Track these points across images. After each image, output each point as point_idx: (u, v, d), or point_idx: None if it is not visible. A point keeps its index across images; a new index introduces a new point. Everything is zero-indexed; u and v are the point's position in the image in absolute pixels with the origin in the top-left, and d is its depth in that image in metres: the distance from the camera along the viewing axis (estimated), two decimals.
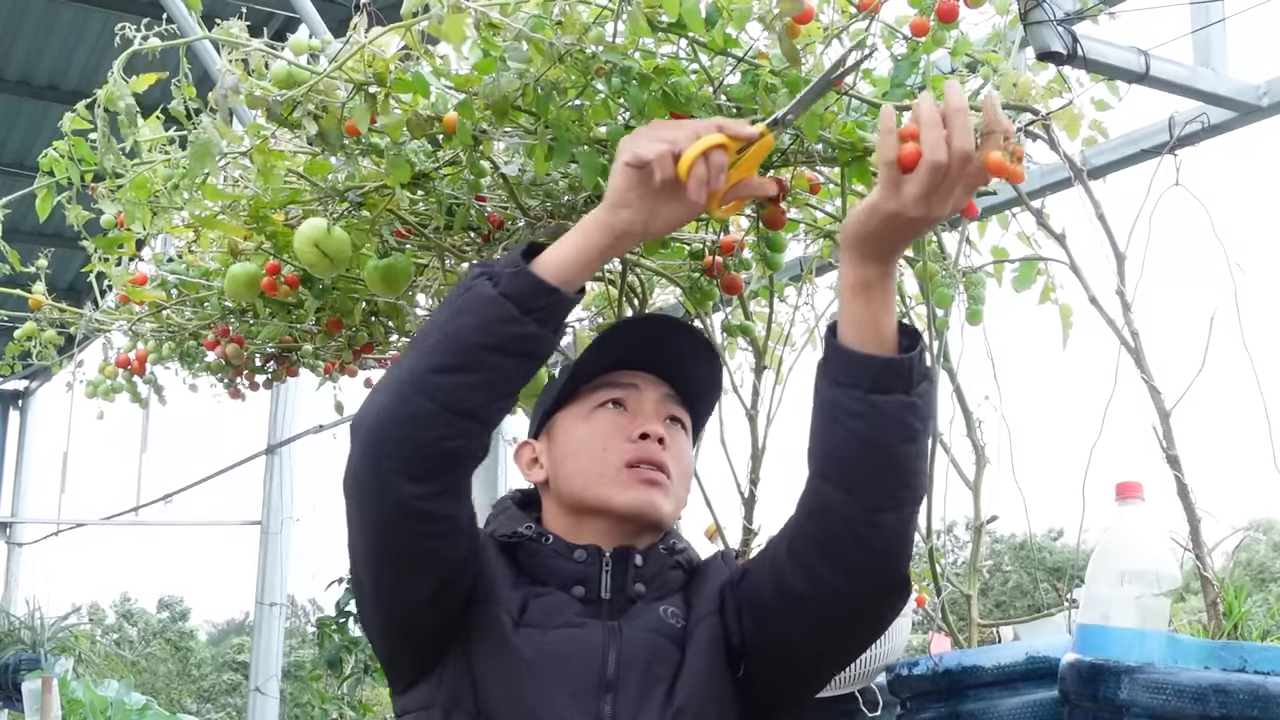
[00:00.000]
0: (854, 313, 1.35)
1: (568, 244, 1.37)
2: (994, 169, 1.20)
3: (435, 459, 1.37)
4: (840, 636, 1.48)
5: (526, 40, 1.51)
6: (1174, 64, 1.97)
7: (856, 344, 1.34)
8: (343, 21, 1.78)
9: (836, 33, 1.66)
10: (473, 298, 1.35)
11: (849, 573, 1.39)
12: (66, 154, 2.03)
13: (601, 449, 1.54)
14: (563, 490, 1.57)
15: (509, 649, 1.43)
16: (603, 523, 1.54)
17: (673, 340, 1.61)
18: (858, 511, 1.37)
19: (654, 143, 1.32)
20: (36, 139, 8.14)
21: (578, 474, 1.55)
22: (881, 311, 1.34)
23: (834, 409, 1.36)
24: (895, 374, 1.33)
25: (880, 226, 1.29)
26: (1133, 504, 1.64)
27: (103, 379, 2.94)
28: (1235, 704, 1.41)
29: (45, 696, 5.47)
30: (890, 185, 1.25)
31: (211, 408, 3.04)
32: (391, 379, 1.38)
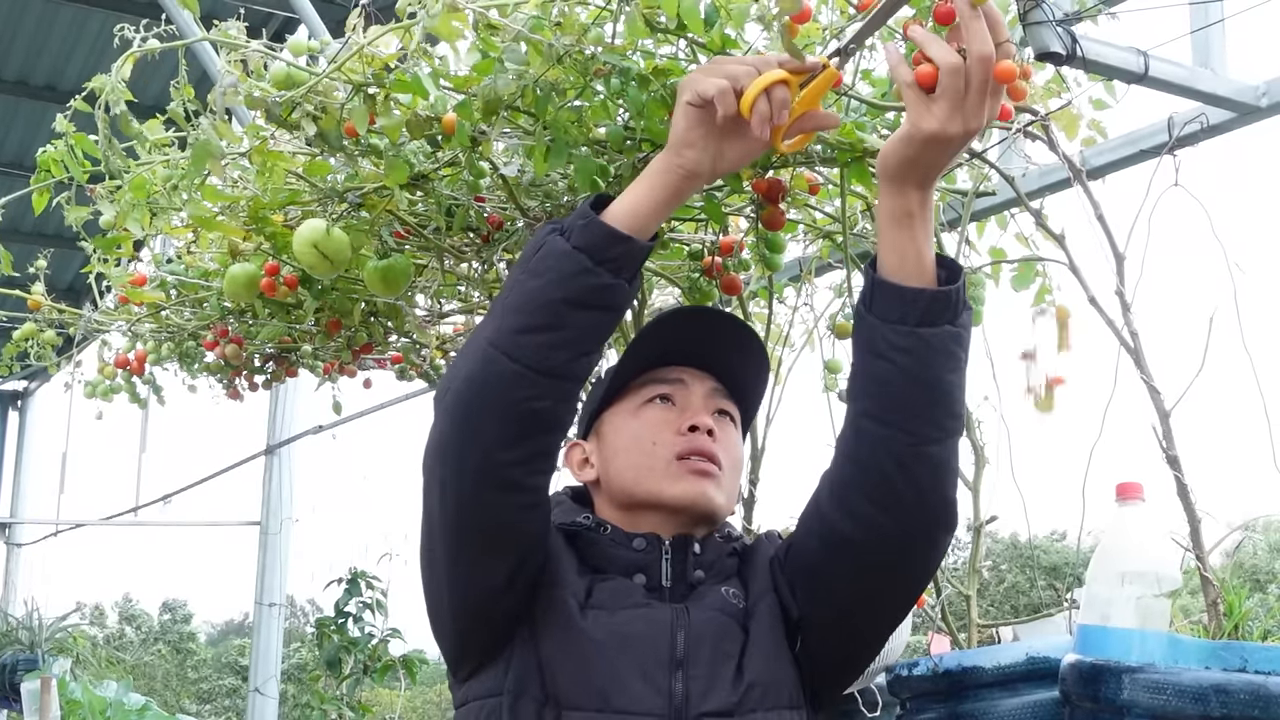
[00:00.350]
0: (898, 243, 1.35)
1: (636, 191, 1.37)
2: (1002, 76, 1.21)
3: (523, 421, 1.36)
4: (892, 581, 1.47)
5: (525, 41, 1.51)
6: (1173, 64, 1.97)
7: (900, 277, 1.35)
8: (342, 22, 1.78)
9: (836, 32, 1.65)
10: (546, 254, 1.35)
11: (898, 510, 1.40)
12: (66, 151, 2.03)
13: (651, 443, 1.54)
14: (614, 487, 1.56)
15: (577, 630, 1.43)
16: (656, 517, 1.54)
17: (717, 332, 1.61)
18: (904, 446, 1.37)
19: (715, 79, 1.32)
20: (35, 139, 8.14)
21: (628, 469, 1.55)
22: (924, 240, 1.35)
23: (881, 344, 1.36)
24: (943, 305, 1.34)
25: (920, 151, 1.30)
26: (1133, 504, 1.65)
27: (101, 379, 2.94)
28: (1236, 704, 1.41)
29: (44, 697, 5.46)
30: (920, 108, 1.26)
31: (211, 408, 3.04)
32: (473, 345, 1.38)
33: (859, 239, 2.15)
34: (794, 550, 1.53)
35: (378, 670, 5.98)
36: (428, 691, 19.46)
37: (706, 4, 1.53)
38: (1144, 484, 1.66)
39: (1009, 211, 2.27)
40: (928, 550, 1.45)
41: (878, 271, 1.37)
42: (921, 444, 1.37)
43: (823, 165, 1.88)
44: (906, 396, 1.36)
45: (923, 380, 1.35)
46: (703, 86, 1.32)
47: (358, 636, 6.01)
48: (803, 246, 2.38)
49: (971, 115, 1.26)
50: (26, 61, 7.51)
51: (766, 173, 1.85)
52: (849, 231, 1.99)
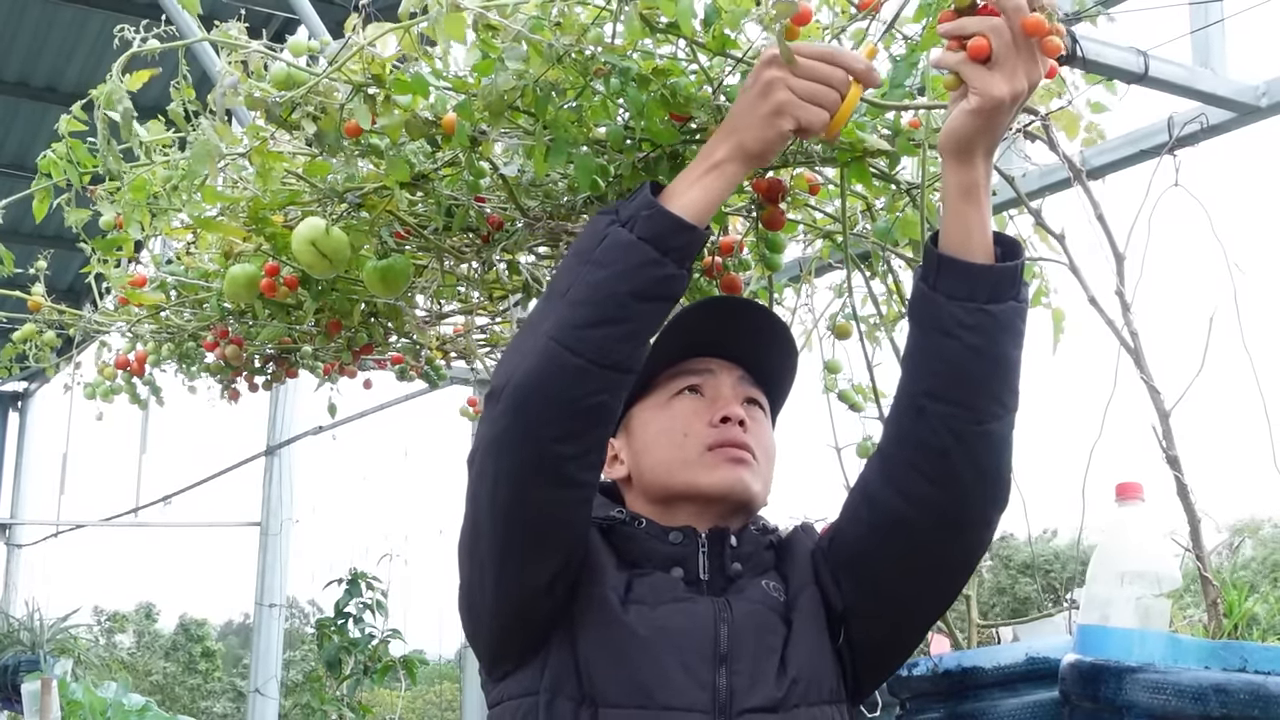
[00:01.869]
0: (966, 218, 1.36)
1: (700, 183, 1.37)
2: (1032, 29, 1.26)
3: (586, 415, 1.35)
4: (945, 561, 1.47)
5: (525, 41, 1.51)
6: (1173, 64, 1.97)
7: (967, 254, 1.36)
8: (342, 22, 1.78)
9: (836, 33, 1.65)
10: (610, 246, 1.33)
11: (956, 488, 1.40)
12: (65, 156, 2.03)
13: (682, 435, 1.53)
14: (648, 481, 1.55)
15: (619, 625, 1.41)
16: (692, 507, 1.53)
17: (744, 322, 1.60)
18: (967, 423, 1.37)
19: (817, 112, 1.33)
20: (35, 140, 8.15)
21: (660, 463, 1.54)
22: (988, 212, 1.37)
23: (948, 322, 1.36)
24: (1010, 280, 1.36)
25: (988, 119, 1.32)
26: (1133, 504, 1.65)
27: (101, 380, 2.93)
28: (1236, 704, 1.41)
29: (44, 698, 5.46)
30: (983, 79, 1.29)
31: (210, 409, 3.04)
32: (532, 339, 1.35)
33: (859, 239, 2.15)
34: (839, 541, 1.53)
35: (378, 671, 5.98)
36: (428, 691, 19.46)
37: (706, 4, 1.53)
38: (1144, 484, 1.66)
39: (1008, 212, 2.27)
40: (982, 530, 1.45)
41: (941, 248, 1.37)
42: (985, 420, 1.37)
43: (823, 165, 1.88)
44: (973, 373, 1.36)
45: (990, 356, 1.35)
46: (807, 117, 1.33)
47: (358, 637, 6.01)
48: (802, 247, 2.38)
49: (1030, 66, 1.29)
50: (27, 62, 7.52)
51: (766, 173, 1.85)
52: (849, 232, 1.99)
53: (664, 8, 1.48)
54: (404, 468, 5.98)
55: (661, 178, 1.74)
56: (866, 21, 1.67)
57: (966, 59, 1.29)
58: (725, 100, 1.63)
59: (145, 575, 42.46)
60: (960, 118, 1.33)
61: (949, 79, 1.33)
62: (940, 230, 1.38)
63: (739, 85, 1.61)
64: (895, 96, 1.73)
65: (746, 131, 1.36)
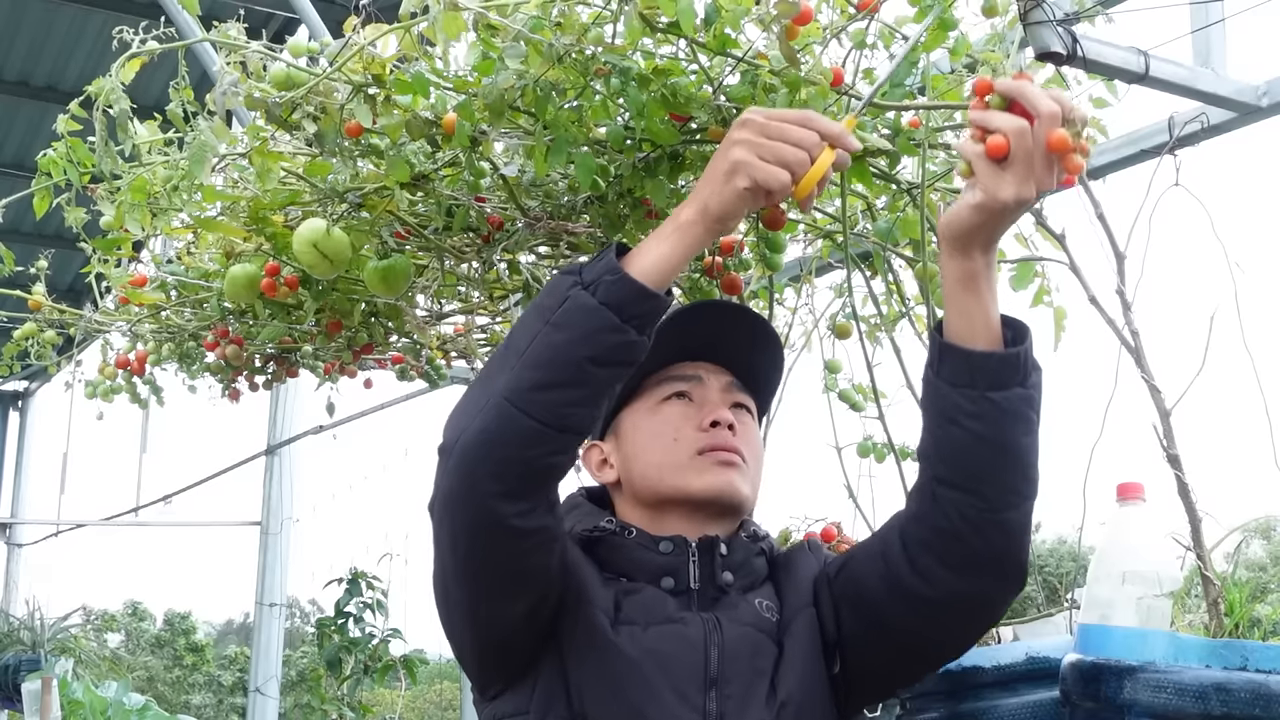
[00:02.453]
0: (965, 306, 1.34)
1: (664, 247, 1.33)
2: (1055, 145, 1.23)
3: (536, 476, 1.35)
4: (956, 632, 1.48)
5: (525, 41, 1.51)
6: (1174, 64, 1.97)
7: (968, 341, 1.34)
8: (342, 22, 1.78)
9: (836, 33, 1.65)
10: (571, 309, 1.31)
11: (971, 572, 1.39)
12: (64, 155, 2.03)
13: (672, 439, 1.53)
14: (638, 486, 1.56)
15: (611, 649, 1.41)
16: (682, 511, 1.53)
17: (732, 327, 1.60)
18: (982, 512, 1.36)
19: (776, 171, 1.29)
20: (35, 140, 8.15)
21: (651, 467, 1.54)
22: (990, 301, 1.34)
23: (952, 410, 1.35)
24: (1012, 368, 1.33)
25: (990, 218, 1.29)
26: (1134, 504, 1.64)
27: (102, 380, 2.93)
28: (1237, 703, 1.41)
29: (45, 697, 5.46)
30: (993, 178, 1.26)
31: (211, 408, 3.04)
32: (484, 397, 1.33)
33: (859, 239, 2.15)
34: (850, 577, 1.52)
35: (378, 670, 5.98)
36: (428, 691, 19.46)
37: (706, 4, 1.53)
38: (1145, 484, 1.66)
39: None
40: (997, 608, 1.45)
41: (944, 335, 1.36)
42: (999, 509, 1.36)
43: None
44: (981, 462, 1.35)
45: (996, 445, 1.34)
46: (763, 176, 1.28)
47: (358, 637, 6.00)
48: (803, 247, 2.38)
49: (1043, 177, 1.26)
50: (27, 62, 7.52)
51: None
52: (849, 231, 1.99)
53: (664, 7, 1.48)
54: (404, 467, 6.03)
55: (661, 177, 1.75)
56: (866, 21, 1.67)
57: (983, 154, 1.26)
58: (725, 100, 1.63)
59: (146, 574, 42.46)
60: (963, 209, 1.30)
61: (963, 166, 1.30)
62: (944, 317, 1.37)
63: (739, 85, 1.62)
64: (895, 96, 1.73)
65: (709, 190, 1.32)
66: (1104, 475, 1.74)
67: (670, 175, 1.77)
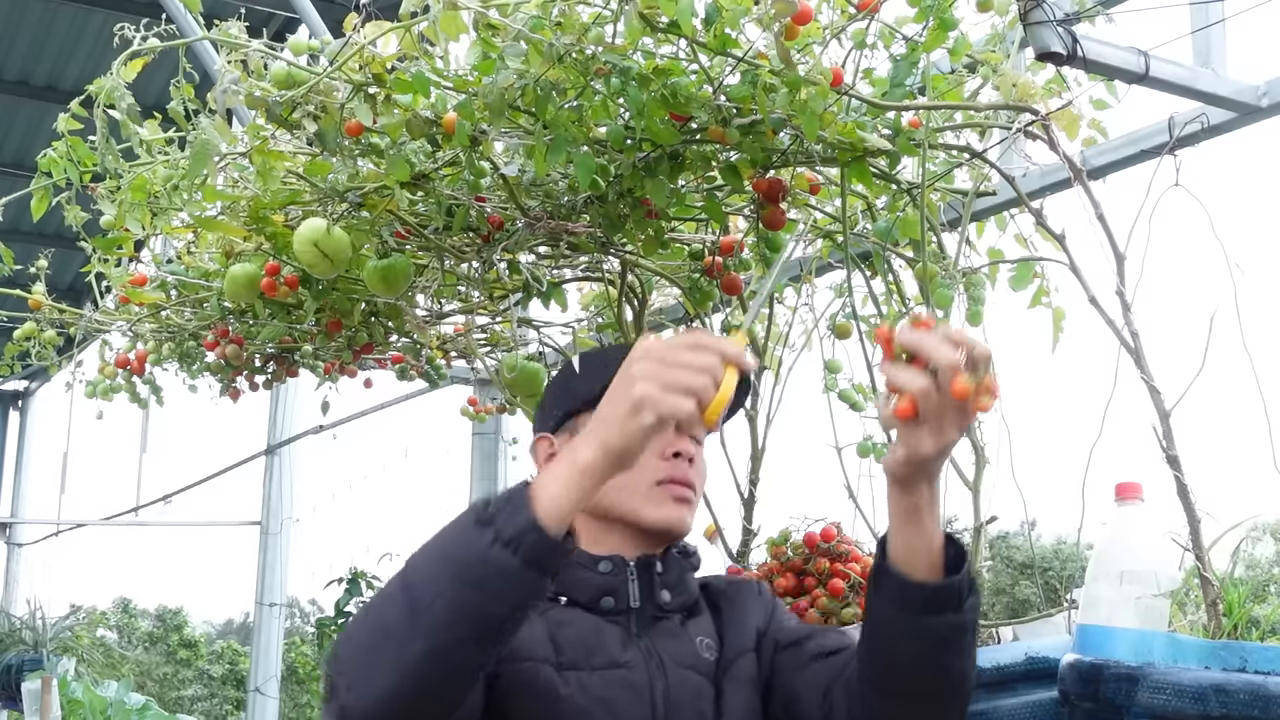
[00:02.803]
0: (908, 537, 1.36)
1: (571, 496, 1.27)
2: (960, 395, 1.22)
3: (454, 704, 1.31)
4: None
5: (525, 41, 1.51)
6: (1174, 64, 1.96)
7: (908, 568, 1.36)
8: (342, 21, 1.78)
9: (836, 32, 1.65)
10: (494, 573, 1.23)
11: None
12: (65, 155, 2.03)
13: None
14: None
15: (559, 700, 1.42)
16: (628, 533, 1.55)
17: None
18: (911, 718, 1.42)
19: (682, 401, 1.22)
20: (35, 139, 8.15)
21: (610, 485, 1.47)
22: (933, 531, 1.35)
23: (887, 627, 1.39)
24: (948, 596, 1.35)
25: (920, 467, 1.31)
26: (1133, 504, 1.64)
27: (102, 379, 2.93)
28: (1236, 704, 1.41)
29: (45, 697, 5.46)
30: (912, 436, 1.28)
31: (211, 408, 3.04)
32: (395, 654, 1.24)
33: (859, 239, 2.15)
34: (790, 664, 1.54)
35: None
36: None
37: (707, 3, 1.52)
38: (1144, 484, 1.66)
39: (1009, 212, 2.27)
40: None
41: (887, 557, 1.38)
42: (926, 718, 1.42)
43: (823, 165, 1.88)
44: (913, 679, 1.39)
45: (928, 664, 1.37)
46: (670, 409, 1.22)
47: None
48: (803, 247, 2.38)
49: (961, 419, 1.27)
50: (27, 62, 7.52)
51: (767, 172, 1.85)
52: (849, 231, 1.99)
53: (664, 7, 1.48)
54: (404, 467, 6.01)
55: (661, 177, 1.75)
56: (866, 21, 1.67)
57: (889, 417, 1.27)
58: (725, 100, 1.63)
59: (146, 574, 42.46)
60: (896, 461, 1.32)
61: (885, 418, 1.32)
62: (889, 537, 1.39)
63: (739, 85, 1.62)
64: (895, 96, 1.73)
65: (610, 429, 1.25)
66: (1103, 475, 1.74)
67: (670, 175, 1.77)
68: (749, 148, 1.72)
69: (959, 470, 2.04)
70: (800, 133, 1.64)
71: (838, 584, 1.82)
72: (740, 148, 1.73)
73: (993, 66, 1.88)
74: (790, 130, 1.67)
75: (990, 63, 1.89)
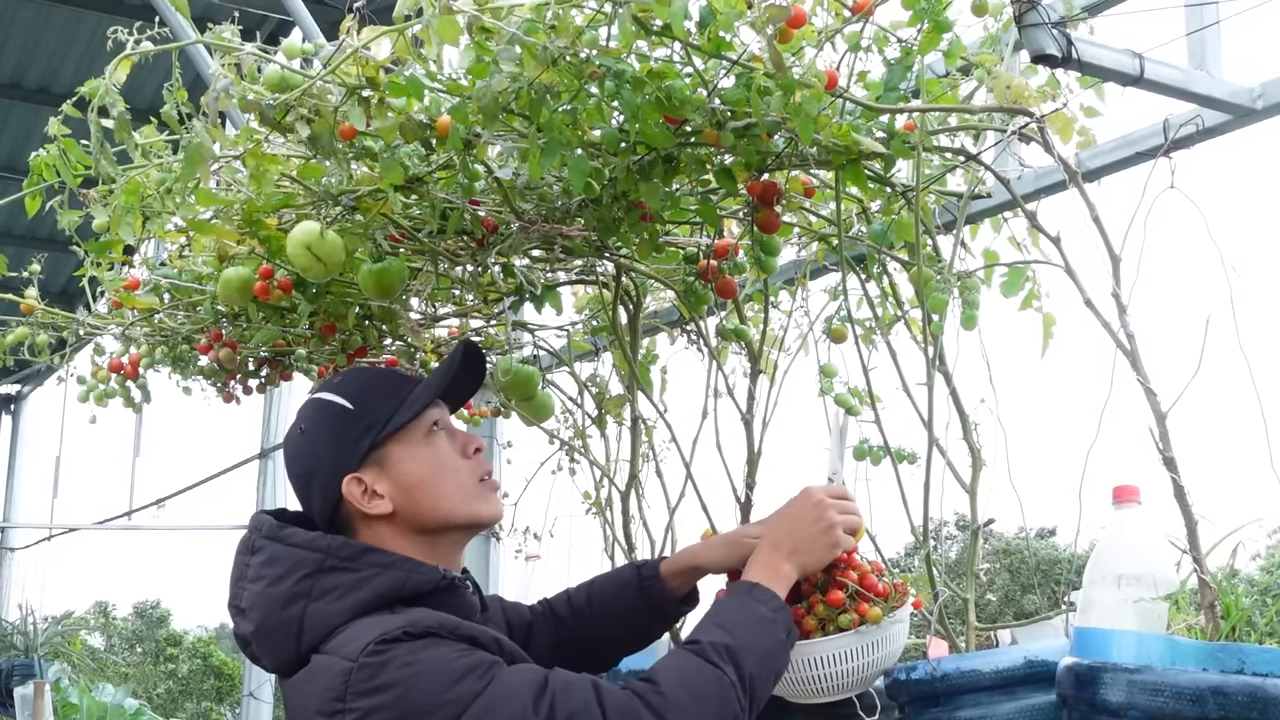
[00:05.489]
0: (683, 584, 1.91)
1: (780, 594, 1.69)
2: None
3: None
4: None
5: (519, 44, 1.50)
6: (1168, 67, 1.96)
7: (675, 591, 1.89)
8: (336, 24, 1.77)
9: (830, 35, 1.65)
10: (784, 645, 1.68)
11: None
12: (57, 157, 2.02)
13: (455, 470, 1.65)
14: (425, 516, 1.63)
15: None
16: (460, 537, 1.68)
17: (465, 361, 1.74)
18: None
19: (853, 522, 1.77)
20: (28, 142, 8.13)
21: (444, 497, 1.64)
22: None
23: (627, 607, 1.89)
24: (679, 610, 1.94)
25: None
26: (1129, 507, 1.64)
27: (95, 383, 2.93)
28: (1234, 706, 1.40)
29: (37, 702, 5.45)
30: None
31: (204, 412, 3.04)
32: None
33: (854, 242, 2.15)
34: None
35: None
36: None
37: (702, 7, 1.52)
38: (1140, 486, 1.66)
39: (1003, 215, 2.27)
40: None
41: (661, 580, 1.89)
42: None
43: (818, 168, 1.88)
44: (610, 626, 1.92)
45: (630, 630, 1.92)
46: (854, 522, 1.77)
47: None
48: (797, 250, 2.38)
49: None
50: (20, 64, 7.51)
51: (762, 175, 1.85)
52: (844, 234, 1.99)
53: (658, 10, 1.48)
54: None
55: (655, 180, 1.74)
56: (860, 24, 1.67)
57: None
58: (719, 103, 1.63)
59: (138, 578, 42.39)
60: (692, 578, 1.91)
61: None
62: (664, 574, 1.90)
63: (734, 88, 1.61)
64: (890, 99, 1.73)
65: (810, 555, 1.74)
66: (1100, 478, 1.74)
67: (665, 178, 1.77)
68: (743, 151, 1.72)
69: (955, 473, 2.04)
70: (795, 136, 1.63)
71: (837, 595, 1.82)
72: (735, 151, 1.72)
73: (987, 69, 1.88)
74: (785, 133, 1.67)
75: (985, 65, 1.89)
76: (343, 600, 1.51)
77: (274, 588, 1.54)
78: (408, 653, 1.41)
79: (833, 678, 1.81)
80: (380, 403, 1.64)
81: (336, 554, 1.55)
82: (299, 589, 1.52)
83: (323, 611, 1.50)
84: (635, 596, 1.88)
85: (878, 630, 1.82)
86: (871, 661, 1.85)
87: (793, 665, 1.78)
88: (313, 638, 1.50)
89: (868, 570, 1.87)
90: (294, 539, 1.57)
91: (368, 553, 1.56)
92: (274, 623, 1.52)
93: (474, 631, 1.49)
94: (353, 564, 1.54)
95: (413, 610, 1.51)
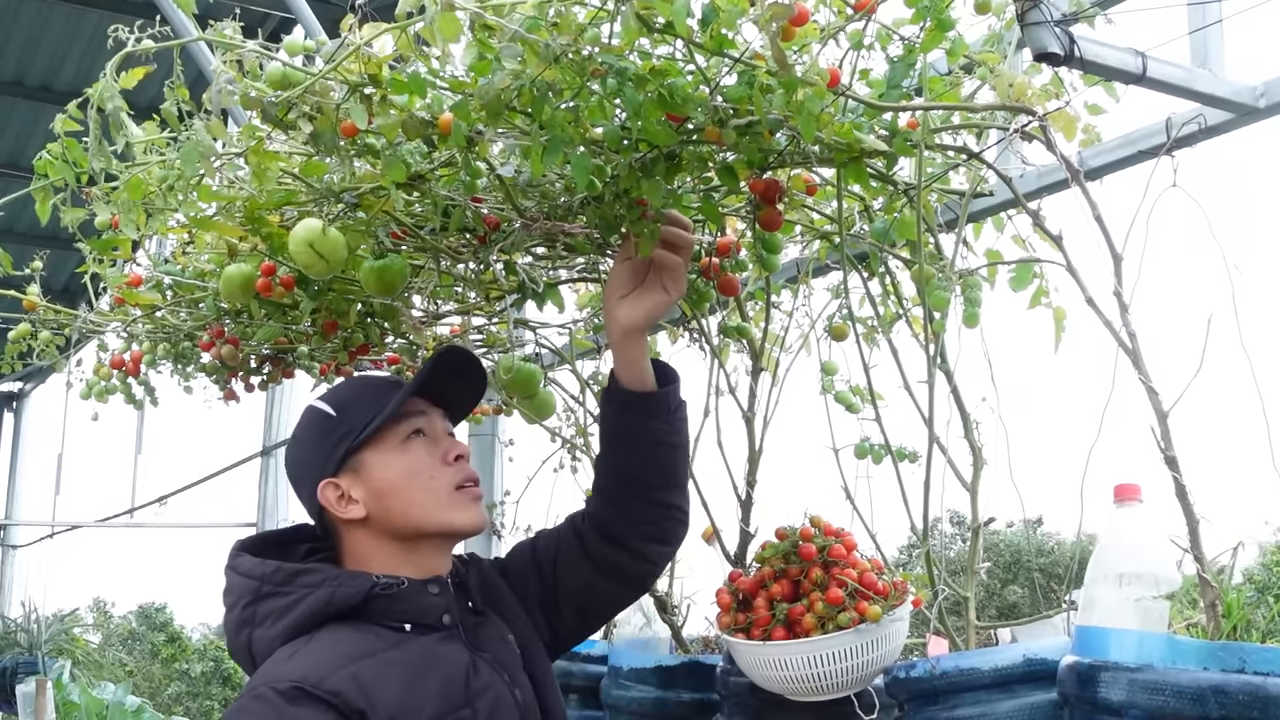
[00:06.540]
0: (633, 370, 1.76)
1: None
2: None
3: None
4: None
5: (522, 41, 1.50)
6: (1171, 65, 1.96)
7: (636, 386, 1.76)
8: (338, 22, 1.77)
9: (833, 33, 1.65)
10: None
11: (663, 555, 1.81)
12: (60, 156, 2.02)
13: (429, 477, 1.64)
14: (396, 523, 1.63)
15: None
16: (437, 544, 1.65)
17: (440, 366, 1.73)
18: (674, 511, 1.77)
19: None
20: (30, 140, 8.14)
21: (415, 504, 1.63)
22: (647, 362, 1.77)
23: (617, 428, 1.75)
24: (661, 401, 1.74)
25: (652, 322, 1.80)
26: (1131, 506, 1.64)
27: (97, 380, 2.93)
28: (1234, 705, 1.40)
29: (39, 699, 5.45)
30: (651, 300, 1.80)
31: (207, 410, 3.03)
32: None
33: (856, 240, 2.15)
34: (560, 579, 1.75)
35: None
36: None
37: (704, 4, 1.52)
38: (1142, 485, 1.66)
39: (1006, 213, 2.27)
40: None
41: (620, 383, 1.76)
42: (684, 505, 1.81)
43: (820, 165, 1.88)
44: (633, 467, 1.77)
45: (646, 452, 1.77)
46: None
47: None
48: (800, 248, 2.38)
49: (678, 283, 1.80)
50: (21, 62, 7.51)
51: (764, 173, 1.85)
52: (846, 233, 1.99)
53: (660, 8, 1.47)
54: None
55: (658, 177, 1.74)
56: (863, 22, 1.66)
57: None
58: (722, 100, 1.63)
59: (140, 575, 42.43)
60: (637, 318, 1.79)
61: None
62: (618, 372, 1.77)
63: (736, 86, 1.61)
64: (892, 98, 1.73)
65: None
66: (1102, 477, 1.74)
67: (667, 176, 1.77)
68: (746, 148, 1.72)
69: (956, 471, 2.04)
70: (797, 133, 1.63)
71: (836, 593, 1.82)
72: (737, 148, 1.72)
73: (990, 67, 1.88)
74: (787, 131, 1.67)
75: (987, 63, 1.89)
76: (277, 625, 1.54)
77: (229, 615, 1.60)
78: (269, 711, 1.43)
79: (832, 675, 1.82)
80: (360, 409, 1.66)
81: (270, 580, 1.58)
82: (244, 616, 1.57)
83: (262, 637, 1.55)
84: (619, 416, 1.77)
85: (877, 628, 1.82)
86: (871, 660, 1.85)
87: (792, 663, 1.79)
88: (262, 663, 1.54)
89: (867, 568, 1.87)
90: (241, 567, 1.62)
91: (298, 575, 1.58)
92: (235, 648, 1.60)
93: (339, 687, 1.45)
94: (284, 588, 1.57)
95: (331, 631, 1.53)
